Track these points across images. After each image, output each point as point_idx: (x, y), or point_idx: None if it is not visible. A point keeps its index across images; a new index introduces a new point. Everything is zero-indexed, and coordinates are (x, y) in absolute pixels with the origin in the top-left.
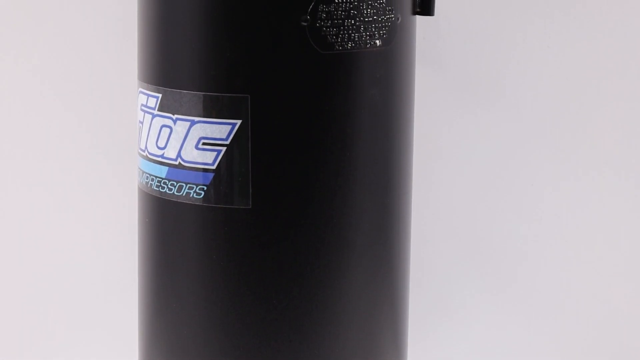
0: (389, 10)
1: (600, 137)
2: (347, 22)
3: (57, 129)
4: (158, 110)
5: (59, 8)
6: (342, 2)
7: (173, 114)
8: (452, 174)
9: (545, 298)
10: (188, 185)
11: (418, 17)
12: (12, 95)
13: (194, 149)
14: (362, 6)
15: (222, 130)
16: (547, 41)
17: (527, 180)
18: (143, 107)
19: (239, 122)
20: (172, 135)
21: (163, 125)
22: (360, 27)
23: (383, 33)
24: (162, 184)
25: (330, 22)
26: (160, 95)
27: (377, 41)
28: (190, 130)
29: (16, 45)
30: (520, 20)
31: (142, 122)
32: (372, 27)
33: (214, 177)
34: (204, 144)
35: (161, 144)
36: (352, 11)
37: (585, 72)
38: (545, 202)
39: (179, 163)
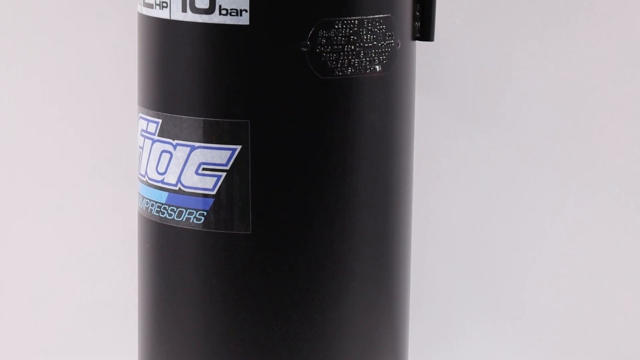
0: (389, 35)
1: (599, 161)
2: (347, 48)
3: (57, 154)
4: (158, 135)
5: (61, 32)
6: (342, 27)
7: (173, 140)
8: (452, 200)
9: (546, 322)
10: (188, 210)
11: (418, 43)
12: (12, 120)
13: (194, 175)
14: (362, 32)
15: (222, 155)
16: (546, 66)
17: (527, 204)
18: (143, 133)
19: (239, 147)
20: (172, 161)
21: (163, 151)
22: (360, 53)
23: (383, 58)
24: (162, 210)
25: (330, 47)
26: (160, 121)
27: (377, 67)
28: (190, 156)
29: (17, 69)
30: (519, 46)
31: (142, 148)
32: (372, 52)
33: (214, 203)
34: (204, 169)
35: (161, 169)
36: (352, 37)
37: (584, 97)
38: (545, 227)
39: (179, 188)
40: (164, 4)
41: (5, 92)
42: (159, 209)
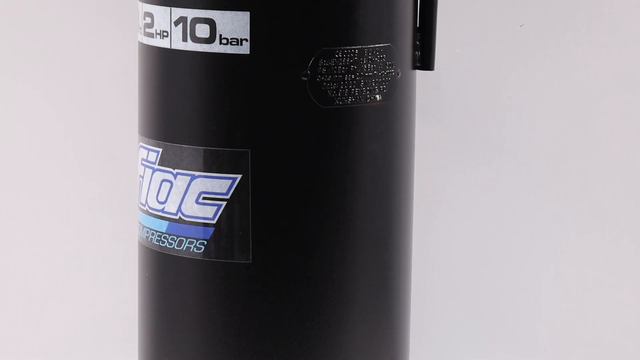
0: (389, 65)
1: (601, 191)
2: (347, 77)
3: (57, 182)
4: (158, 164)
5: (62, 60)
6: (342, 57)
7: (173, 169)
8: (453, 229)
9: (547, 355)
10: (188, 239)
11: (418, 72)
12: (12, 149)
13: (194, 204)
14: (362, 61)
15: (222, 184)
16: (547, 95)
17: (528, 234)
18: (143, 162)
19: (239, 176)
20: (172, 190)
21: (163, 180)
22: (361, 82)
23: (383, 88)
24: (162, 239)
25: (330, 77)
26: (160, 150)
27: (377, 96)
28: (191, 185)
29: (17, 98)
30: (519, 74)
31: (142, 177)
32: (372, 81)
33: (214, 232)
34: (204, 198)
35: (161, 198)
36: (352, 66)
37: (585, 126)
38: (546, 257)
39: (179, 217)
40: (165, 34)
41: (5, 120)
42: (159, 238)
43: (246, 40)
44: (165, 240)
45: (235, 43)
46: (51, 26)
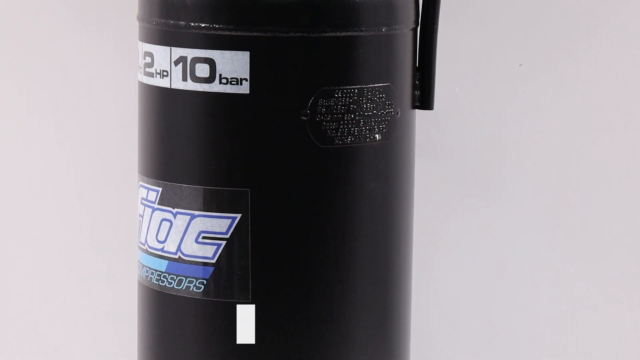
0: (389, 104)
1: (602, 233)
2: (347, 117)
3: (57, 221)
4: (158, 203)
5: (62, 100)
6: (342, 96)
7: (173, 208)
8: (452, 268)
9: None
10: (188, 279)
11: (417, 111)
12: (12, 188)
13: (194, 243)
14: (362, 100)
15: (222, 224)
16: (546, 136)
17: (528, 274)
18: (143, 201)
19: (239, 215)
20: (172, 229)
21: (163, 219)
22: (360, 122)
23: (383, 127)
24: (162, 278)
25: (330, 116)
26: (160, 189)
27: (377, 135)
28: (191, 224)
29: (17, 136)
30: (519, 114)
31: (142, 216)
32: (371, 121)
33: (214, 271)
34: (204, 237)
35: (161, 237)
36: (351, 105)
37: (585, 167)
38: (546, 297)
39: (179, 257)
40: (165, 73)
41: (5, 159)
42: (158, 277)
43: (246, 79)
44: (165, 280)
45: (235, 83)
46: (53, 64)
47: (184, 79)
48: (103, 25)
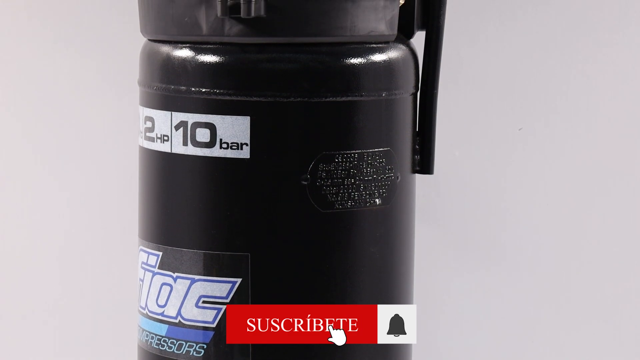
0: (389, 169)
1: (604, 298)
2: (347, 181)
3: (57, 286)
4: (158, 268)
5: (62, 163)
6: (342, 161)
7: (173, 272)
8: (453, 333)
9: None
10: (188, 343)
11: (417, 175)
12: (10, 258)
13: (194, 307)
14: (362, 165)
15: (222, 288)
16: (547, 199)
17: (529, 337)
18: (144, 265)
19: (239, 280)
20: (172, 294)
21: (163, 284)
22: (360, 186)
23: (383, 192)
24: (162, 342)
25: (330, 181)
26: (160, 254)
27: (377, 200)
28: (191, 289)
29: (16, 208)
30: (520, 179)
31: (142, 280)
32: (372, 186)
33: (214, 336)
34: (204, 302)
35: (161, 302)
36: (352, 170)
37: (586, 231)
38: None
39: (179, 321)
40: (165, 138)
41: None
42: (158, 342)
43: (246, 144)
44: (165, 344)
45: (235, 147)
46: (54, 129)
47: (185, 143)
48: (104, 89)
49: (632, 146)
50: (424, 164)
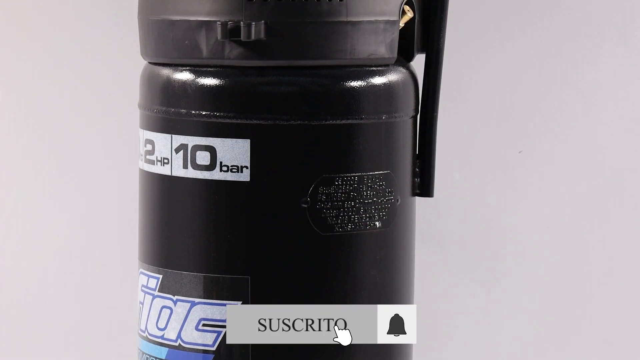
0: (389, 192)
1: (604, 322)
2: (347, 204)
3: (57, 310)
4: (159, 291)
5: (62, 186)
6: (342, 184)
7: (173, 295)
8: (453, 355)
9: None
10: None
11: (417, 198)
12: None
13: (194, 330)
14: (362, 188)
15: (222, 311)
16: (548, 221)
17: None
18: (144, 288)
19: (239, 303)
20: (172, 316)
21: (163, 307)
22: (360, 209)
23: (383, 214)
24: None
25: (330, 204)
26: (160, 277)
27: (377, 222)
28: (191, 312)
29: (17, 225)
30: (520, 202)
31: (142, 303)
32: (371, 209)
33: (214, 359)
34: (204, 325)
35: (161, 324)
36: (352, 193)
37: (587, 254)
38: None
39: (179, 344)
40: (166, 161)
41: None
42: None
43: (246, 167)
44: None
45: (235, 170)
46: (53, 152)
47: (185, 166)
48: (104, 112)
49: (633, 168)
50: (424, 186)
